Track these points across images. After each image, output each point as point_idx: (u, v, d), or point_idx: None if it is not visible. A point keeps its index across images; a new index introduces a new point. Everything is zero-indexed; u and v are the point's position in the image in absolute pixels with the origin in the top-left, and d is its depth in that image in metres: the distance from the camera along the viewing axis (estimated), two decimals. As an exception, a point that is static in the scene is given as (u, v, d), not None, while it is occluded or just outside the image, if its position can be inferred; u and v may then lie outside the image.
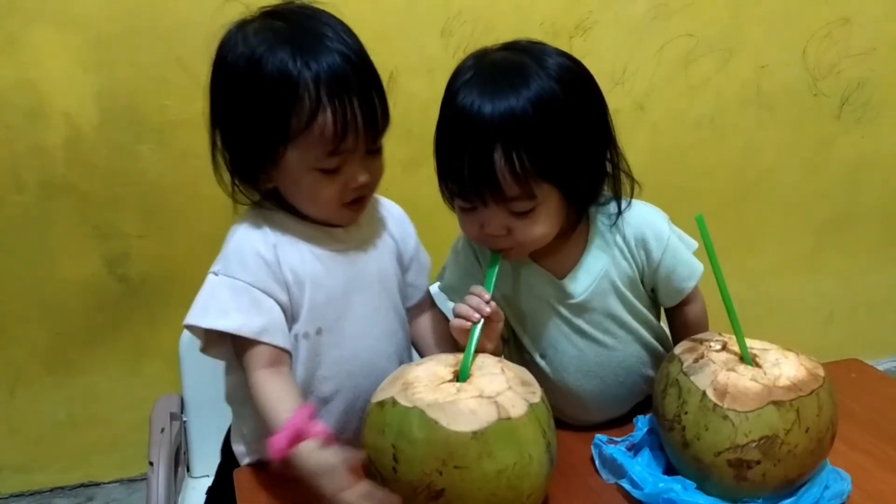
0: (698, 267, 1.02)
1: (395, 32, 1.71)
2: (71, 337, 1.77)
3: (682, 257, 1.01)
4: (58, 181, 1.66)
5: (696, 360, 0.87)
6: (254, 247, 0.91)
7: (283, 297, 0.91)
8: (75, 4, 1.56)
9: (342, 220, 0.96)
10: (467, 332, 0.87)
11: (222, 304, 0.89)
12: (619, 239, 1.00)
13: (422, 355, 1.06)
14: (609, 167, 0.95)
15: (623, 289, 1.00)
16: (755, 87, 2.04)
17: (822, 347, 2.19)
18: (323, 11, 0.93)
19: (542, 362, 1.02)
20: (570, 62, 0.92)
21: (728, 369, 0.85)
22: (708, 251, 0.89)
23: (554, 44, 1.94)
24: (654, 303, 1.06)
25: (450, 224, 1.06)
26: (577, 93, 0.90)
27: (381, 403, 0.78)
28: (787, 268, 2.27)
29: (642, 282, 1.02)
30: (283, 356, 0.91)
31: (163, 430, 1.26)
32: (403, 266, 1.05)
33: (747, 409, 0.81)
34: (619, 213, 0.98)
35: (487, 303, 0.90)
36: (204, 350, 0.94)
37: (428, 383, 0.79)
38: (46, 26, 1.56)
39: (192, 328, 0.91)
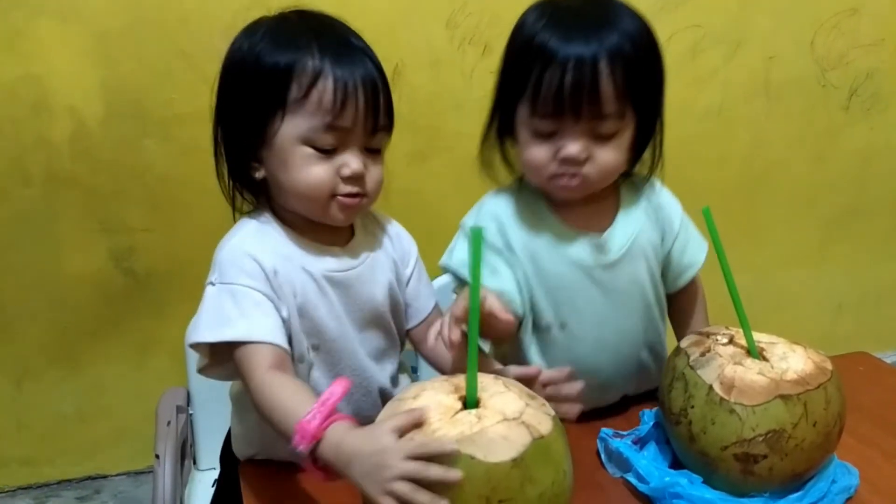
0: (705, 243, 1.07)
1: (400, 24, 1.71)
2: (77, 331, 1.77)
3: (694, 231, 1.07)
4: (63, 175, 1.66)
5: (702, 354, 0.87)
6: (250, 253, 0.88)
7: (282, 307, 0.88)
8: (80, -2, 1.56)
9: (331, 216, 0.90)
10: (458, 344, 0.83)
11: (225, 313, 0.85)
12: (645, 204, 1.04)
13: (444, 373, 0.99)
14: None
15: (650, 255, 1.03)
16: (763, 79, 2.03)
17: (829, 340, 2.18)
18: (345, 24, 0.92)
19: (559, 335, 1.02)
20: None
21: (735, 363, 0.84)
22: (715, 244, 0.89)
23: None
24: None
25: (454, 215, 1.05)
26: (654, 37, 0.96)
27: None
28: (794, 260, 2.26)
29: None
30: (287, 359, 0.87)
31: (169, 423, 1.26)
32: (402, 285, 1.01)
33: (754, 402, 0.80)
34: (653, 167, 1.02)
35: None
36: (202, 371, 0.91)
37: (441, 417, 0.71)
38: (51, 20, 1.56)
39: (197, 346, 0.87)
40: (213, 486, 1.14)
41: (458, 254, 1.03)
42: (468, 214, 1.06)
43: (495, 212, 1.03)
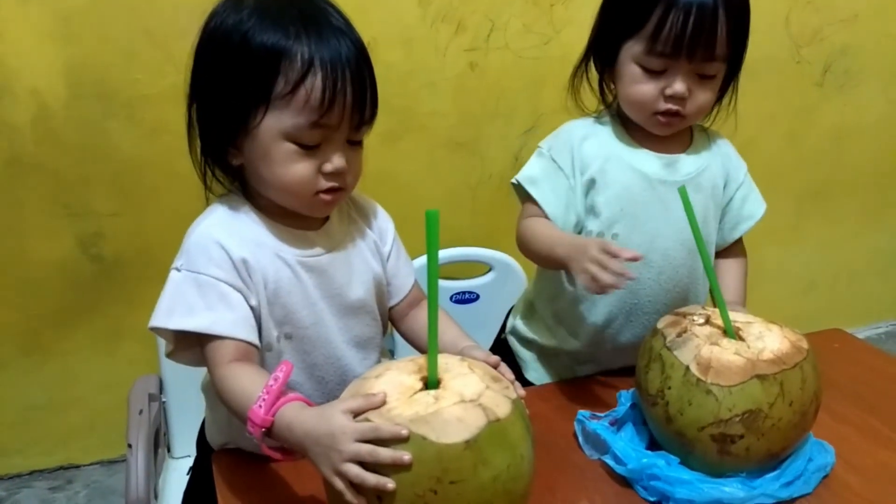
0: (764, 203, 1.18)
1: (371, 2, 1.67)
2: (46, 319, 1.73)
3: (756, 189, 1.17)
4: (27, 159, 1.61)
5: (679, 335, 0.86)
6: (219, 241, 0.85)
7: (251, 297, 0.86)
8: (39, -25, 1.51)
9: (313, 209, 0.89)
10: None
11: (188, 301, 0.83)
12: (715, 149, 1.14)
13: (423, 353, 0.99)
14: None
15: (709, 194, 1.10)
16: (737, 55, 2.02)
17: (802, 316, 2.20)
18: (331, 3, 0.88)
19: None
20: None
21: (711, 343, 0.84)
22: (690, 222, 0.88)
23: (534, 11, 1.91)
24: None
25: (427, 194, 1.03)
26: None
27: None
28: (768, 237, 2.27)
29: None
30: (252, 352, 0.85)
31: (141, 411, 1.24)
32: (384, 263, 1.00)
33: (731, 383, 0.80)
34: (730, 107, 1.12)
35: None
36: (170, 355, 0.89)
37: (399, 396, 0.71)
38: (10, -1, 1.51)
39: (158, 330, 0.86)
40: (188, 473, 1.13)
41: (525, 170, 1.13)
42: (546, 138, 1.14)
43: (572, 130, 1.12)
